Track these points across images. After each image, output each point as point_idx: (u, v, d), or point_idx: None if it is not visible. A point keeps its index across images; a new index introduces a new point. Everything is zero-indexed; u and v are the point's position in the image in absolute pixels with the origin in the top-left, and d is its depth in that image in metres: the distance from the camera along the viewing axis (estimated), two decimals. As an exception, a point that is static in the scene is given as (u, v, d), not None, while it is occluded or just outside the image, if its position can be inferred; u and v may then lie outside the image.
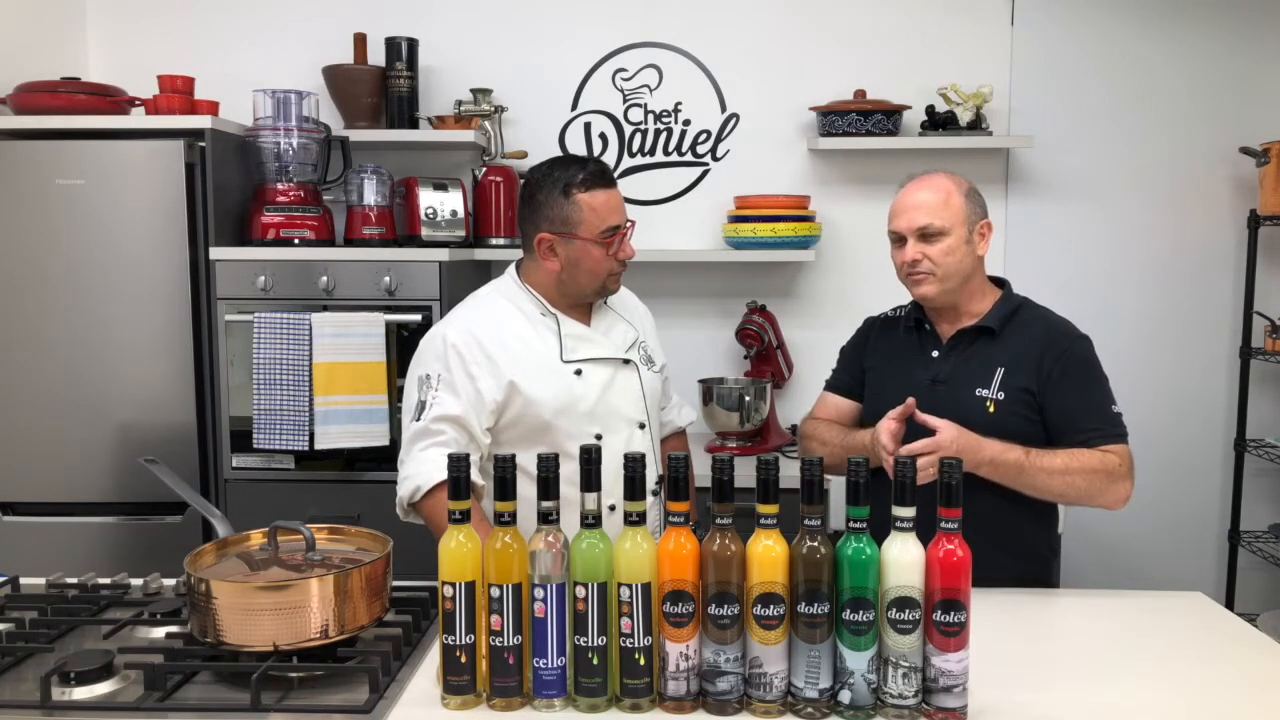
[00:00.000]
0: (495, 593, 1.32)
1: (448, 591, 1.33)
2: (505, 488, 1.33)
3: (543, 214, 1.93)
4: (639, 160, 3.28)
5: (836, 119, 3.08)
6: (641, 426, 2.02)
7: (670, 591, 1.31)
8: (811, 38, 3.22)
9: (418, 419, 1.90)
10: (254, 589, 1.43)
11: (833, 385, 2.14)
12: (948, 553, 1.28)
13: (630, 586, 1.31)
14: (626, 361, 2.02)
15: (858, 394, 2.09)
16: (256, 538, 1.63)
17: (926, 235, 1.88)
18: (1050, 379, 1.88)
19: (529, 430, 1.92)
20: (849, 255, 3.25)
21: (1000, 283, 2.03)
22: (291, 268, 2.73)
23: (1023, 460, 1.76)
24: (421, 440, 1.89)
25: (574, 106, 3.27)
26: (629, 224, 1.98)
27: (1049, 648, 1.56)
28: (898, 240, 1.94)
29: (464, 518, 1.34)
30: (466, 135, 3.03)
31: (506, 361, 1.91)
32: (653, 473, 2.00)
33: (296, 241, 2.82)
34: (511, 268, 2.07)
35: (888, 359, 2.05)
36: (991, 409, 1.88)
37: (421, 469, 1.86)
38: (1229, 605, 3.18)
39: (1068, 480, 1.77)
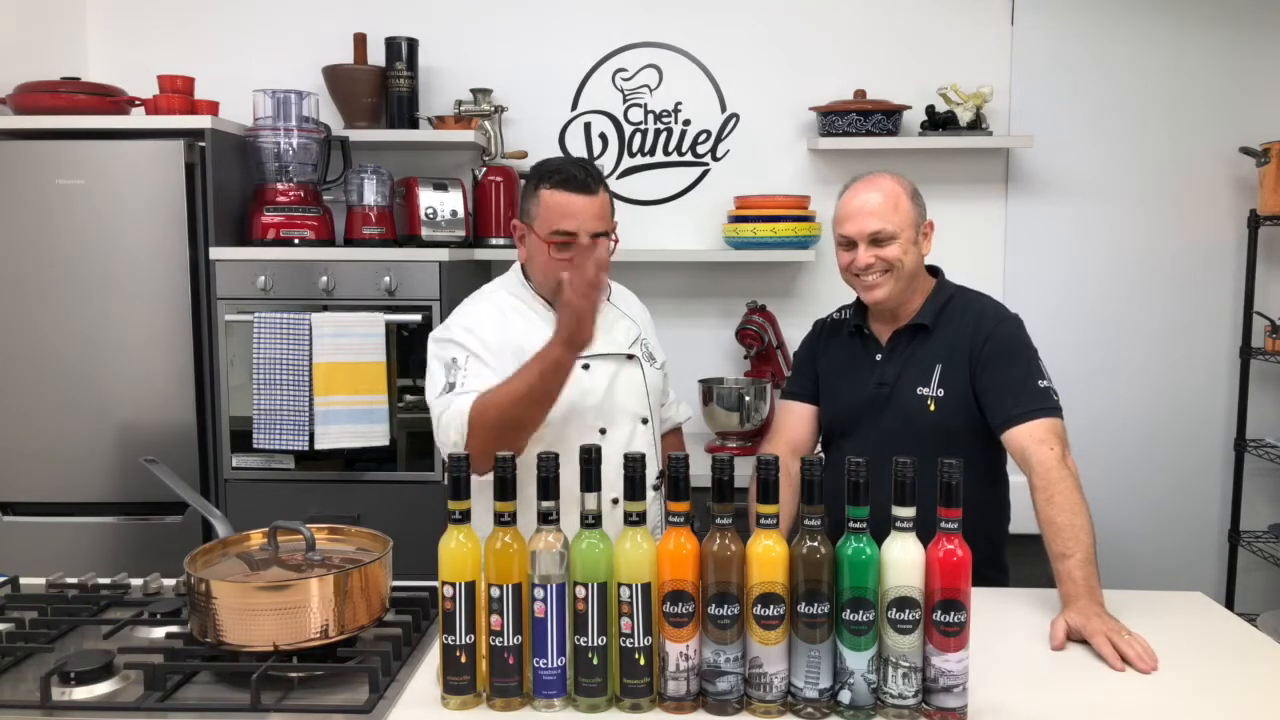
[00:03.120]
0: (495, 593, 1.32)
1: (448, 591, 1.33)
2: (505, 488, 1.33)
3: (522, 202, 1.99)
4: (639, 160, 3.28)
5: (836, 119, 3.08)
6: (644, 422, 2.03)
7: (670, 591, 1.31)
8: (811, 38, 3.22)
9: (449, 391, 1.84)
10: (254, 589, 1.43)
11: (790, 392, 2.14)
12: (948, 553, 1.28)
13: (630, 586, 1.31)
14: (630, 357, 2.03)
15: (815, 397, 2.10)
16: (256, 538, 1.63)
17: (878, 240, 1.88)
18: (977, 364, 1.89)
19: None
20: (849, 255, 3.24)
21: (934, 271, 2.03)
22: (291, 268, 2.73)
23: (1090, 561, 1.66)
24: (457, 394, 1.82)
25: (574, 106, 3.27)
26: (598, 239, 1.90)
27: (1049, 648, 1.56)
28: (847, 244, 1.93)
29: (464, 518, 1.34)
30: (466, 135, 3.03)
31: (517, 353, 1.90)
32: (653, 468, 2.00)
33: (296, 241, 2.82)
34: (516, 265, 2.08)
35: (836, 367, 2.06)
36: (932, 407, 1.90)
37: (457, 405, 1.78)
38: (1229, 605, 3.18)
39: (1081, 521, 1.69)
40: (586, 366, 1.95)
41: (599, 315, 2.03)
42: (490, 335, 1.91)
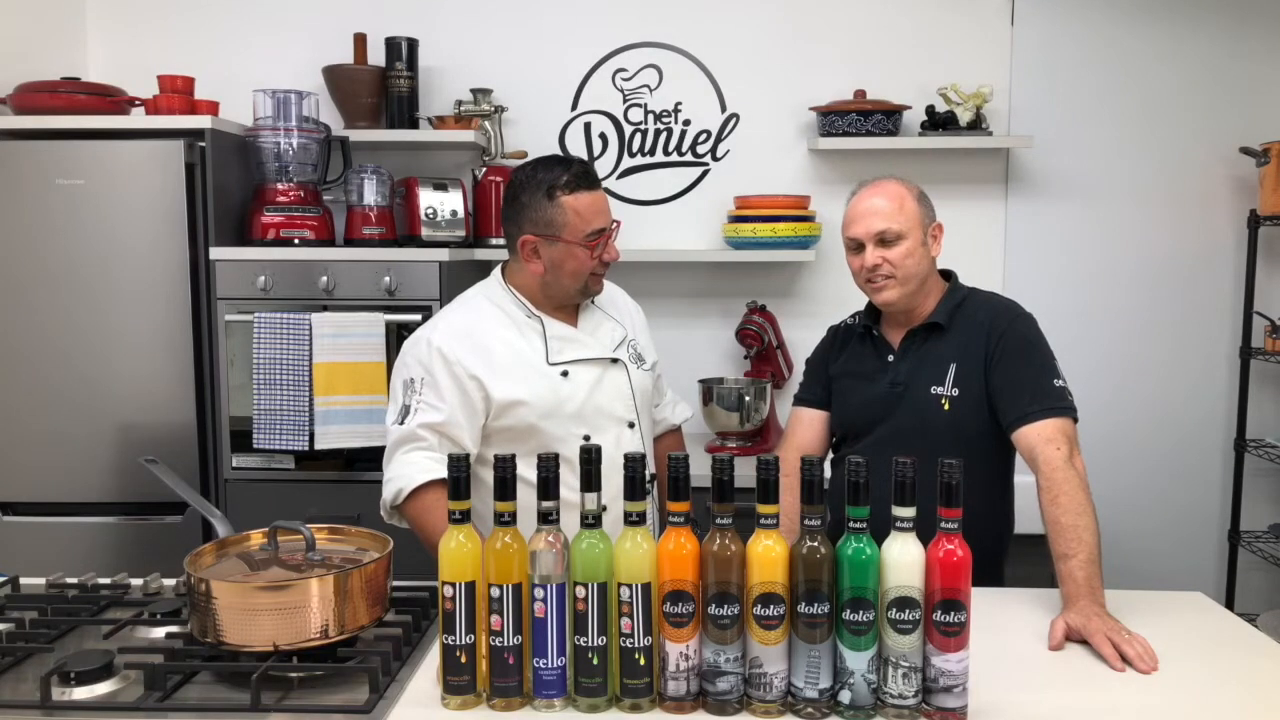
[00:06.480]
0: (495, 593, 1.32)
1: (448, 591, 1.33)
2: (505, 488, 1.33)
3: (526, 216, 1.91)
4: (639, 160, 3.28)
5: (836, 119, 3.08)
6: (631, 426, 2.00)
7: (670, 591, 1.31)
8: (811, 38, 3.22)
9: (401, 422, 1.89)
10: (254, 589, 1.43)
11: (802, 399, 2.15)
12: (948, 553, 1.28)
13: (630, 586, 1.31)
14: (615, 361, 2.00)
15: (827, 404, 2.10)
16: (256, 538, 1.63)
17: (885, 240, 1.89)
18: (990, 362, 1.89)
19: (516, 434, 1.89)
20: (849, 255, 3.25)
21: (947, 275, 2.04)
22: (291, 268, 2.73)
23: (1093, 562, 1.66)
24: (405, 444, 1.88)
25: (574, 106, 3.27)
26: (614, 225, 1.95)
27: (1049, 648, 1.56)
28: (856, 247, 1.94)
29: (464, 518, 1.34)
30: (466, 135, 3.03)
31: (491, 365, 1.89)
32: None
33: (296, 241, 2.82)
34: (497, 270, 2.05)
35: (849, 371, 2.06)
36: (946, 406, 1.90)
37: (405, 471, 1.85)
38: (1229, 605, 3.18)
39: (1085, 522, 1.69)
40: (565, 373, 1.93)
41: (582, 319, 2.02)
42: (456, 353, 1.89)
